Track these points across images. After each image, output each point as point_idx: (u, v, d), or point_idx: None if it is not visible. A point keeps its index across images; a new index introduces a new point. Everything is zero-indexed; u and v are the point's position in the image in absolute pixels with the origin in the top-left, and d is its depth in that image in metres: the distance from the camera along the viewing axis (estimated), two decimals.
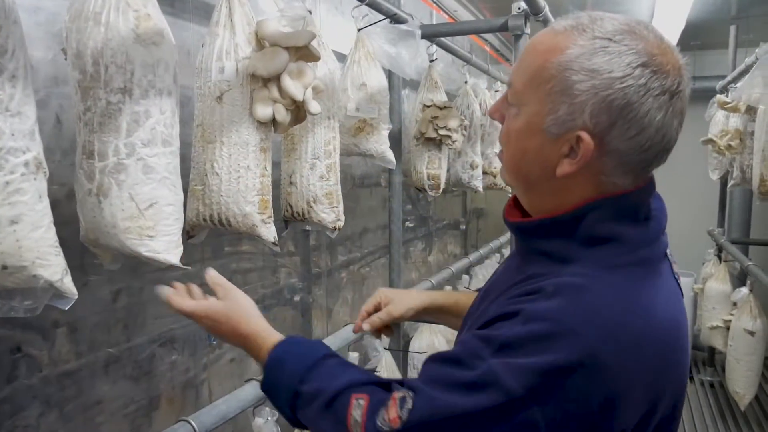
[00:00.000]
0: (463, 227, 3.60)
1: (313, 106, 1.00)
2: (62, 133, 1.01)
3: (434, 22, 2.58)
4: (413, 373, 2.15)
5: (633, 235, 0.69)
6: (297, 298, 1.85)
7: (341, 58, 1.57)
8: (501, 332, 0.65)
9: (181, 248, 0.90)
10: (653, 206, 0.73)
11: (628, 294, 0.66)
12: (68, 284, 0.73)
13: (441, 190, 2.02)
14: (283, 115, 0.98)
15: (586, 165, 0.67)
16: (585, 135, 0.65)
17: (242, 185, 0.97)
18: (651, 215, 0.72)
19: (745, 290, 2.87)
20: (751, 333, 2.81)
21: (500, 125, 0.76)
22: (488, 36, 3.65)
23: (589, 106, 0.64)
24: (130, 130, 0.82)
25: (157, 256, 0.85)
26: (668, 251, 0.75)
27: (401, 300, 1.05)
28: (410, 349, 2.14)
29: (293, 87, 0.96)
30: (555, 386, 0.61)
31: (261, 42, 0.98)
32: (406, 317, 1.06)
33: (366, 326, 1.04)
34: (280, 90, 0.96)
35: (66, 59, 0.83)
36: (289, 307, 1.81)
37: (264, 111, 0.97)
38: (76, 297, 0.75)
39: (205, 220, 1.02)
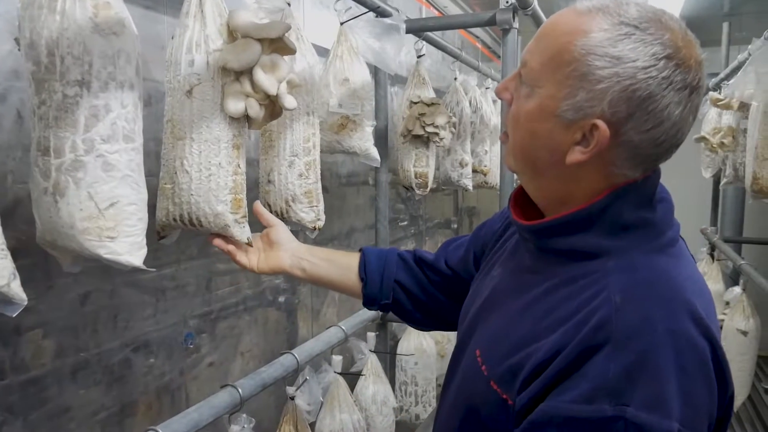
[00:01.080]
0: (455, 226, 3.56)
1: (288, 101, 0.96)
2: (24, 130, 0.96)
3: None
4: (401, 376, 2.11)
5: (656, 218, 0.69)
6: (282, 299, 1.81)
7: (326, 52, 1.53)
8: (601, 374, 0.59)
9: (145, 250, 0.85)
10: (659, 190, 0.72)
11: (680, 272, 0.66)
12: (16, 289, 0.68)
13: (429, 188, 1.98)
14: (255, 110, 0.93)
15: (597, 154, 0.65)
16: (601, 123, 0.63)
17: (213, 183, 0.92)
18: (660, 197, 0.71)
19: (737, 290, 2.85)
20: (744, 333, 2.78)
21: (493, 122, 0.74)
22: (480, 33, 3.62)
23: (610, 94, 0.62)
24: (89, 125, 0.77)
25: (118, 258, 0.80)
26: None
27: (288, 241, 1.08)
28: (398, 351, 2.09)
29: (266, 81, 0.91)
30: (689, 392, 0.60)
31: (233, 34, 0.93)
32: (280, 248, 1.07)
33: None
34: (253, 84, 0.91)
35: (19, 50, 0.78)
36: (273, 308, 1.77)
37: (236, 106, 0.92)
38: (26, 303, 0.70)
39: (175, 219, 0.97)
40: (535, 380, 0.63)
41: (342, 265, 1.10)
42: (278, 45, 0.96)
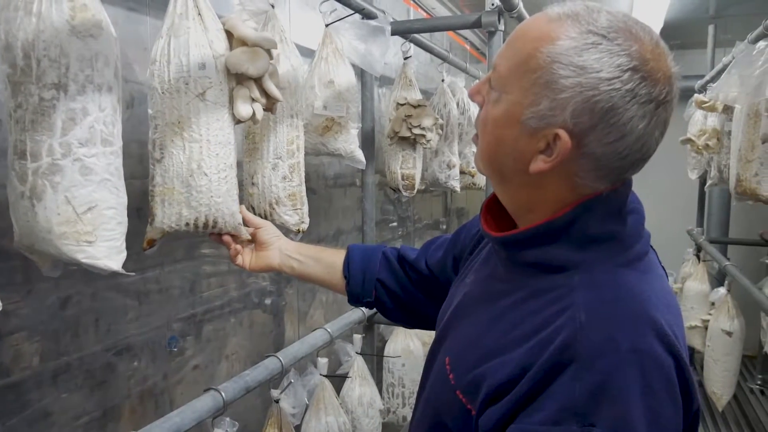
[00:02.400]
0: (444, 227, 3.57)
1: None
2: (1, 133, 0.95)
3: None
4: (388, 378, 2.11)
5: (624, 231, 0.68)
6: (268, 301, 1.80)
7: (312, 54, 1.52)
8: (567, 396, 0.59)
9: (125, 254, 0.84)
10: (631, 200, 0.71)
11: (646, 288, 0.65)
12: None
13: (415, 190, 1.98)
14: (260, 114, 1.00)
15: (560, 164, 0.64)
16: (563, 133, 0.62)
17: (230, 184, 0.98)
18: (630, 208, 0.71)
19: (722, 290, 2.87)
20: (729, 333, 2.80)
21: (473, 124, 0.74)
22: (468, 34, 3.62)
23: (572, 104, 0.61)
24: (66, 128, 0.76)
25: (96, 263, 0.80)
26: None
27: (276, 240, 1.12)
28: (385, 353, 2.09)
29: (275, 88, 0.99)
30: (655, 411, 0.59)
31: (238, 41, 0.97)
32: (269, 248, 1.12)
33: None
34: (261, 89, 0.98)
35: None
36: (259, 310, 1.76)
37: (246, 109, 0.96)
38: (0, 308, 0.69)
39: (188, 224, 0.97)
40: (500, 399, 0.63)
41: (328, 263, 1.14)
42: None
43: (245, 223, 1.09)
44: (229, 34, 0.99)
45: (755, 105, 1.85)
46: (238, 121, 1.00)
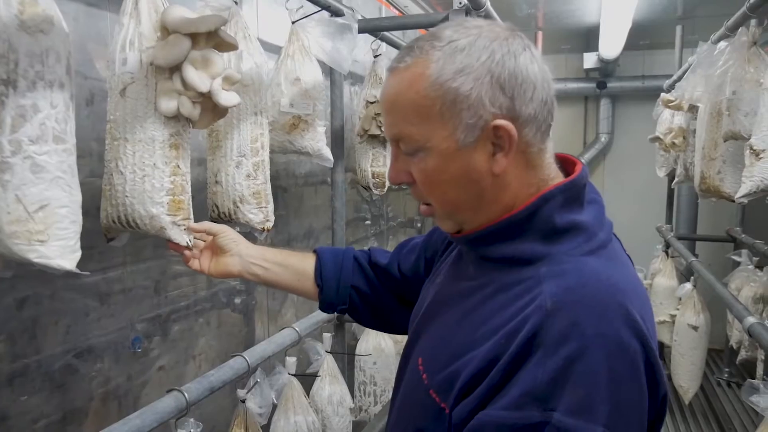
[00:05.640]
0: (418, 225, 3.58)
1: (224, 97, 0.94)
2: None
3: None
4: (360, 376, 2.11)
5: (587, 220, 0.69)
6: (237, 300, 1.78)
7: (281, 51, 1.51)
8: (530, 381, 0.60)
9: (79, 253, 0.83)
10: (588, 191, 0.73)
11: (612, 274, 0.67)
12: None
13: (386, 188, 1.98)
14: (188, 108, 0.91)
15: (515, 147, 0.67)
16: (500, 121, 0.65)
17: (148, 185, 0.90)
18: (589, 199, 0.72)
19: (688, 286, 2.93)
20: (695, 328, 2.86)
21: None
22: None
23: (484, 97, 0.65)
24: (15, 125, 0.75)
25: (49, 262, 0.78)
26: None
27: (236, 239, 1.06)
28: (357, 351, 2.09)
29: (196, 77, 0.89)
30: (618, 396, 0.60)
31: (166, 30, 0.91)
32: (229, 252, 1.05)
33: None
34: (183, 81, 0.90)
35: None
36: (228, 310, 1.75)
37: (167, 104, 0.90)
38: None
39: (114, 221, 0.95)
40: (472, 392, 0.64)
41: (297, 270, 1.08)
42: (216, 40, 0.95)
43: (198, 237, 1.05)
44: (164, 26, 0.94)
45: (717, 104, 1.89)
46: (177, 118, 0.94)
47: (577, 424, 0.58)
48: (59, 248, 0.79)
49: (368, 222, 2.80)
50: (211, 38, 0.93)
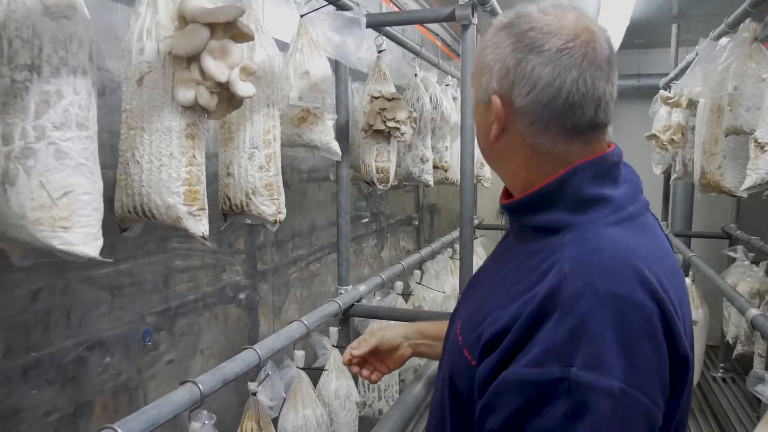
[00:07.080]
0: (416, 222, 3.58)
1: (242, 88, 0.94)
2: None
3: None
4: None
5: (617, 195, 0.72)
6: (242, 296, 1.78)
7: (286, 47, 1.51)
8: (550, 339, 0.63)
9: (101, 240, 0.82)
10: (625, 172, 0.77)
11: (632, 242, 0.69)
12: None
13: (390, 183, 1.99)
14: (206, 98, 0.91)
15: (506, 127, 0.74)
16: (494, 97, 0.74)
17: (165, 174, 0.90)
18: (626, 179, 0.76)
19: (687, 281, 2.95)
20: (694, 322, 2.88)
21: (453, 119, 0.83)
22: (440, 31, 3.65)
23: (496, 72, 0.74)
24: (40, 111, 0.74)
25: (72, 249, 0.78)
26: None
27: (390, 330, 1.16)
28: None
29: (214, 67, 0.89)
30: (633, 353, 0.62)
31: (184, 20, 0.91)
32: (399, 347, 1.15)
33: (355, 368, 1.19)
34: (202, 70, 0.90)
35: None
36: (234, 305, 1.74)
37: (185, 94, 0.90)
38: None
39: (129, 211, 0.95)
40: (495, 349, 0.68)
41: None
42: (233, 31, 0.95)
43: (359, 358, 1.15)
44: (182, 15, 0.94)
45: (718, 99, 1.91)
46: (194, 108, 0.94)
47: (594, 378, 0.61)
48: (83, 235, 0.78)
49: (367, 219, 2.80)
50: (228, 29, 0.93)
